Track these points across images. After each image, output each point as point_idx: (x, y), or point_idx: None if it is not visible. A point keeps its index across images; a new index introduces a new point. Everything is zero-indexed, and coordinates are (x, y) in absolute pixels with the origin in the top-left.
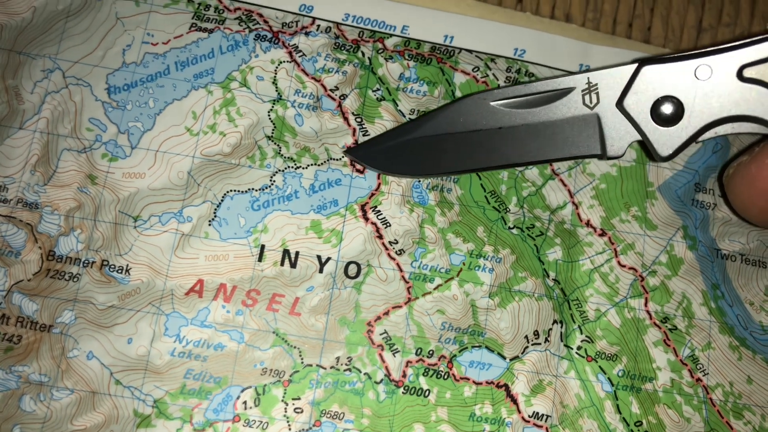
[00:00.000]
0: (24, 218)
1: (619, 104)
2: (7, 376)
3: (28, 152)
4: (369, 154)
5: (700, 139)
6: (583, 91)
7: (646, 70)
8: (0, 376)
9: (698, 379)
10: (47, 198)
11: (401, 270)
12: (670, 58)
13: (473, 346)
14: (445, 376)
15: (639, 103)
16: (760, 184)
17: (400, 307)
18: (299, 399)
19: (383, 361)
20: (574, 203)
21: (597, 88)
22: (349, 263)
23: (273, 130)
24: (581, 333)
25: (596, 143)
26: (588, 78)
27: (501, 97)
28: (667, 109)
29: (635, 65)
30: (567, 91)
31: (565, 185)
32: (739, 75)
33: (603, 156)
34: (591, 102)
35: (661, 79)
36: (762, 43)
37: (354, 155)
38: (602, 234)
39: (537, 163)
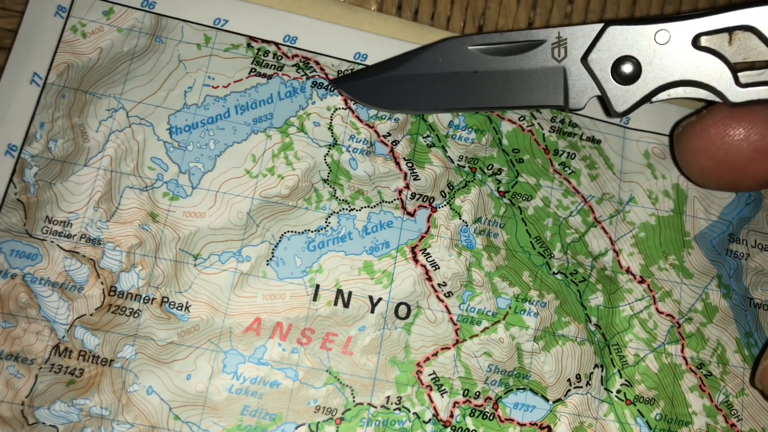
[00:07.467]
0: (87, 253)
1: (584, 60)
2: (69, 409)
3: (92, 189)
4: (353, 86)
5: (654, 99)
6: (553, 44)
7: (611, 29)
8: (62, 409)
9: (732, 425)
10: (109, 234)
11: (449, 312)
12: (634, 20)
13: (518, 388)
14: (491, 417)
15: (601, 60)
16: (702, 143)
17: (449, 348)
18: None
19: (431, 401)
20: (615, 250)
21: (566, 43)
22: (399, 304)
23: (328, 173)
24: (621, 377)
25: (560, 95)
26: (559, 32)
27: (479, 42)
28: (626, 68)
29: (602, 24)
30: (538, 43)
31: (606, 233)
32: (695, 43)
33: (565, 107)
34: (559, 55)
35: (624, 39)
36: (717, 14)
37: (339, 86)
38: (641, 281)
39: (506, 108)
